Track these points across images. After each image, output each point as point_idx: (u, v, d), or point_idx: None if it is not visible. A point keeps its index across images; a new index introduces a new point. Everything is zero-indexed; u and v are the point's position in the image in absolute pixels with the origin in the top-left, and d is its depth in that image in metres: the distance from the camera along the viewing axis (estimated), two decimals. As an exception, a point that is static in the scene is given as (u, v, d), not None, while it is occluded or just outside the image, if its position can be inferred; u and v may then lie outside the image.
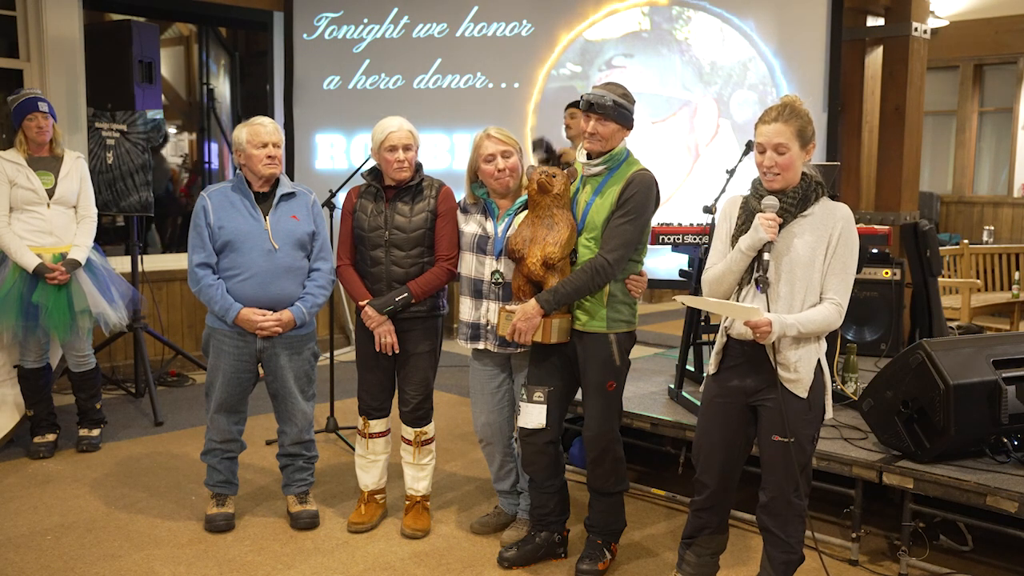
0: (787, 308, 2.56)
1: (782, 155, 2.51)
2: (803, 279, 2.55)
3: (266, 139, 3.36)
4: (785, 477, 2.61)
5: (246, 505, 3.76)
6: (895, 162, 5.71)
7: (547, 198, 3.01)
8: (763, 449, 2.68)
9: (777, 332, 2.49)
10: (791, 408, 2.58)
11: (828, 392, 2.66)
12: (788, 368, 2.57)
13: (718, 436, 2.74)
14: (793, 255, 2.55)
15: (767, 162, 2.54)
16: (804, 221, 2.57)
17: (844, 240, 2.55)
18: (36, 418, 4.41)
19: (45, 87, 5.33)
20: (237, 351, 3.41)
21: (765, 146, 2.53)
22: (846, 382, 3.94)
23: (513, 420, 3.36)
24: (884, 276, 4.80)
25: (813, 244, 2.54)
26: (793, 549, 2.67)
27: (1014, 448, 3.16)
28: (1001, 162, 9.90)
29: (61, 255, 4.26)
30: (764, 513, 2.69)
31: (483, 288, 3.25)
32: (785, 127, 2.50)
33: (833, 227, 2.55)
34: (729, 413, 2.70)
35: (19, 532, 3.47)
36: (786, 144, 2.50)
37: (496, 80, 5.94)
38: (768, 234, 2.51)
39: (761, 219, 2.53)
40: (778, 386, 2.57)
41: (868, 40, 5.81)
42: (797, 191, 2.56)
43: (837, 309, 2.55)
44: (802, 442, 2.61)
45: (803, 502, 2.66)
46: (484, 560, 3.30)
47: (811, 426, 2.63)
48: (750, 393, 2.66)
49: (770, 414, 2.62)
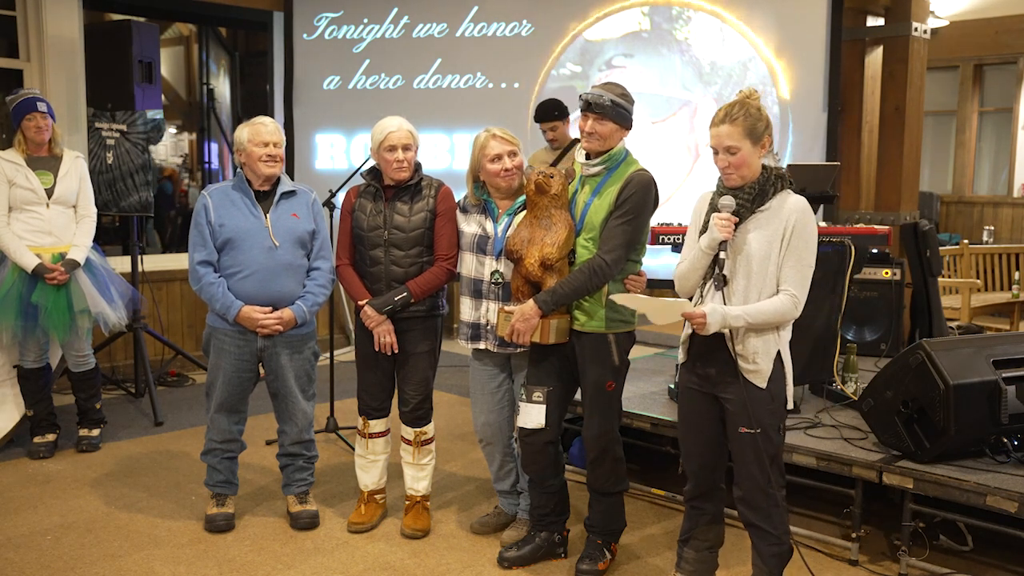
0: (743, 301, 2.61)
1: (733, 155, 2.57)
2: (759, 273, 2.60)
3: (267, 138, 3.36)
4: (757, 469, 2.66)
5: (246, 505, 3.76)
6: (895, 162, 5.71)
7: (545, 199, 3.01)
8: (732, 443, 2.73)
9: (717, 324, 2.54)
10: (753, 399, 2.63)
11: (789, 383, 2.70)
12: (747, 359, 2.62)
13: (694, 421, 2.80)
14: (749, 250, 2.60)
15: (721, 163, 2.61)
16: (761, 216, 2.62)
17: (798, 232, 2.58)
18: (36, 418, 4.41)
19: (45, 87, 5.33)
20: (238, 350, 3.41)
21: (716, 148, 2.60)
22: (846, 382, 3.93)
23: (513, 420, 3.36)
24: (884, 276, 4.80)
25: (769, 238, 2.59)
26: (780, 540, 2.71)
27: (1014, 448, 3.16)
28: (1001, 162, 9.89)
29: (60, 255, 4.26)
30: (743, 507, 2.73)
31: (483, 288, 3.25)
32: (732, 128, 2.55)
33: (787, 220, 2.58)
34: (702, 400, 2.77)
35: (19, 532, 3.47)
36: (735, 145, 2.56)
37: (496, 80, 5.94)
38: (722, 234, 2.56)
39: (715, 219, 2.58)
40: (739, 377, 2.62)
41: (868, 40, 5.81)
42: (753, 188, 2.61)
43: (792, 300, 2.58)
44: (768, 432, 2.65)
45: (779, 492, 2.69)
46: (484, 560, 3.30)
47: (775, 416, 2.68)
48: (714, 384, 2.72)
49: (734, 407, 2.67)
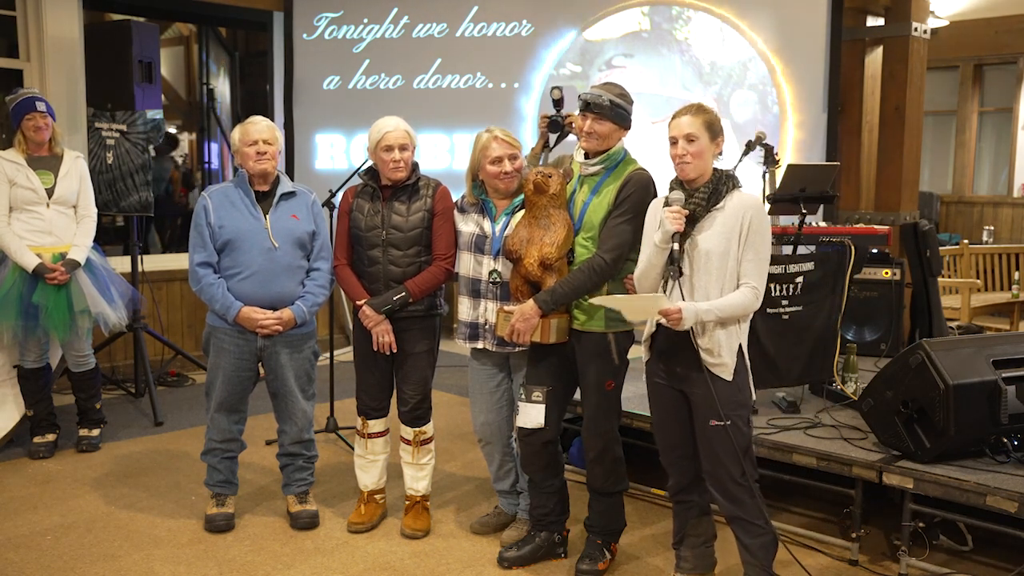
0: (704, 298, 2.68)
1: (692, 143, 2.67)
2: (719, 269, 2.68)
3: (255, 136, 3.36)
4: (729, 461, 2.70)
5: (246, 505, 3.76)
6: (895, 162, 5.71)
7: (544, 198, 3.01)
8: (702, 438, 2.76)
9: (691, 319, 2.62)
10: (721, 392, 2.68)
11: (750, 375, 2.77)
12: (712, 353, 2.69)
13: (667, 414, 2.86)
14: (707, 247, 2.68)
15: (679, 151, 2.69)
16: (718, 214, 2.70)
17: (755, 228, 2.68)
18: (36, 418, 4.41)
19: (45, 87, 5.33)
20: (237, 350, 3.41)
21: (676, 137, 2.69)
22: (846, 382, 3.93)
23: (512, 420, 3.36)
24: (884, 276, 4.79)
25: (726, 235, 2.67)
26: (764, 530, 2.74)
27: (1014, 448, 3.16)
28: (1001, 162, 9.89)
29: (61, 255, 4.26)
30: (721, 500, 2.76)
31: (481, 288, 3.25)
32: (694, 119, 2.68)
33: (743, 217, 2.67)
34: (670, 394, 2.83)
35: (19, 532, 3.47)
36: (695, 133, 2.67)
37: (496, 80, 5.94)
38: (673, 225, 2.64)
39: (666, 212, 2.67)
40: (704, 371, 2.68)
41: (868, 40, 5.81)
42: (708, 185, 2.70)
43: (754, 293, 2.68)
44: (738, 424, 2.71)
45: (751, 484, 2.72)
46: (484, 560, 3.30)
47: (743, 408, 2.74)
48: (680, 379, 2.77)
49: (701, 400, 2.72)
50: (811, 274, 3.68)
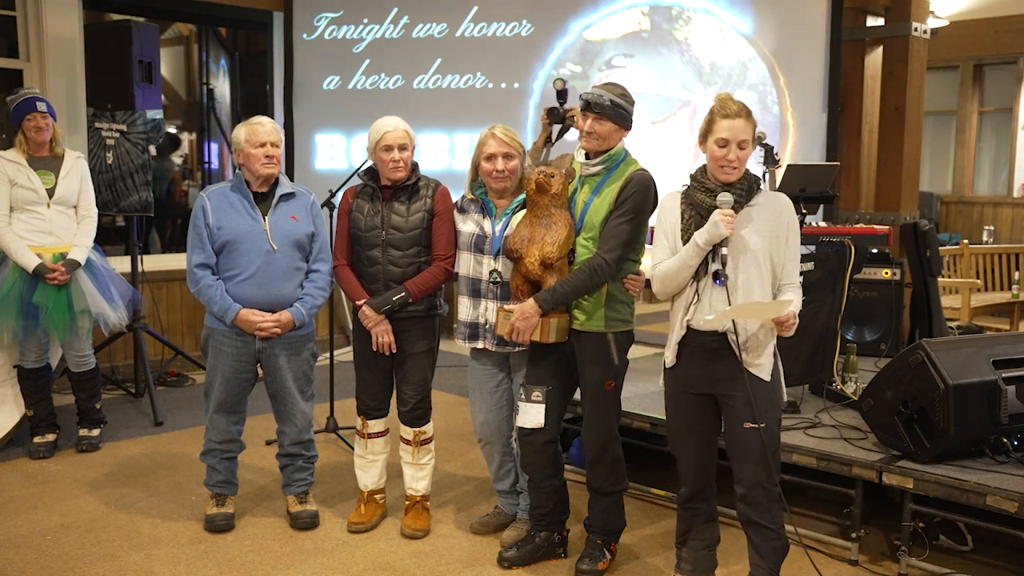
0: (747, 297, 2.66)
1: (743, 150, 2.64)
2: (762, 267, 2.66)
3: (264, 139, 3.35)
4: (760, 465, 2.68)
5: (246, 505, 3.76)
6: (895, 162, 5.71)
7: (545, 198, 3.01)
8: (734, 440, 2.74)
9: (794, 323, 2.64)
10: (759, 393, 2.66)
11: (782, 374, 2.77)
12: (756, 353, 2.68)
13: (690, 425, 2.83)
14: (746, 246, 2.66)
15: (730, 155, 2.63)
16: (750, 211, 2.69)
17: (793, 229, 2.72)
18: (36, 418, 4.41)
19: (45, 87, 5.33)
20: (236, 351, 3.41)
21: (730, 140, 2.63)
22: (846, 382, 3.93)
23: (512, 419, 3.36)
24: (884, 276, 4.79)
25: (765, 234, 2.66)
26: (779, 535, 2.74)
27: (1014, 448, 3.16)
28: (1001, 162, 9.89)
29: (61, 255, 4.26)
30: (745, 505, 2.74)
31: (481, 287, 3.25)
32: (747, 124, 2.65)
33: (784, 217, 2.68)
34: (695, 402, 2.79)
35: (19, 532, 3.47)
36: (748, 140, 2.65)
37: (496, 80, 5.94)
38: (727, 230, 2.60)
39: (721, 215, 2.61)
40: (744, 373, 2.66)
41: (868, 40, 5.81)
42: (744, 183, 2.69)
43: (800, 292, 2.71)
44: (771, 426, 2.70)
45: (777, 488, 2.72)
46: (484, 560, 3.30)
47: (777, 409, 2.74)
48: (713, 383, 2.74)
49: (737, 403, 2.69)
50: (811, 274, 3.68)
